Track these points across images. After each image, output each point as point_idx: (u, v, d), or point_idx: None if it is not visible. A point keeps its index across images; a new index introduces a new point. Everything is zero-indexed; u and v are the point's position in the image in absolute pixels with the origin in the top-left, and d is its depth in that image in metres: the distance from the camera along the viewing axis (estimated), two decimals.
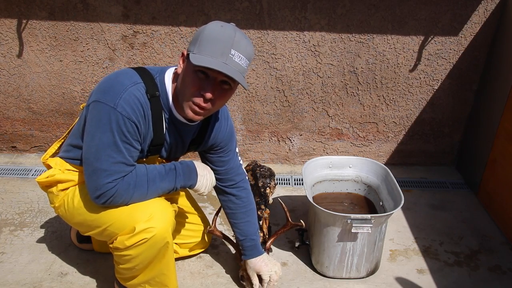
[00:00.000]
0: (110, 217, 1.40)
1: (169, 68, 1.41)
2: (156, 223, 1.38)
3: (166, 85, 1.38)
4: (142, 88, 1.32)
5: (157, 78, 1.37)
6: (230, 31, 1.25)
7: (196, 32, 1.29)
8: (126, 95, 1.28)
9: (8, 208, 2.21)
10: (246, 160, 2.70)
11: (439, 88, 2.44)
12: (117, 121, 1.27)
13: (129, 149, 1.32)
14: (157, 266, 1.48)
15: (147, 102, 1.33)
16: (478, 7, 2.21)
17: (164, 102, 1.39)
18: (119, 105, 1.26)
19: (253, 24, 2.28)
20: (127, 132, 1.29)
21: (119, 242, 1.40)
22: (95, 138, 1.30)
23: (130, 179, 1.36)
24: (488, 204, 2.28)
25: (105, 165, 1.31)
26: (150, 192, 1.42)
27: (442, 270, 1.88)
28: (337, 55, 2.36)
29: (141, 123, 1.32)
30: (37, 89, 2.52)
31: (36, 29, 2.34)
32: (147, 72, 1.36)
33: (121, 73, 1.34)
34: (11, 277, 1.77)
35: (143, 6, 2.25)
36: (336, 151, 2.67)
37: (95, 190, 1.33)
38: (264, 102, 2.51)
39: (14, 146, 2.73)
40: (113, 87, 1.29)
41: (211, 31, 1.25)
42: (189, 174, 1.50)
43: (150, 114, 1.35)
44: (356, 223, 1.61)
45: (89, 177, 1.34)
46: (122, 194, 1.36)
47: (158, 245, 1.42)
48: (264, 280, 1.66)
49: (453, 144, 2.64)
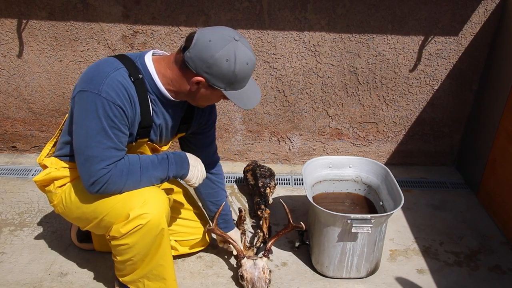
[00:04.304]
0: (105, 206, 1.42)
1: (146, 53, 1.43)
2: (150, 209, 1.41)
3: (148, 67, 1.40)
4: (124, 73, 1.34)
5: (138, 61, 1.40)
6: (253, 62, 1.37)
7: (221, 68, 1.32)
8: (109, 81, 1.30)
9: (8, 208, 2.21)
10: (246, 160, 2.70)
11: (439, 88, 2.44)
12: (103, 107, 1.29)
13: (117, 134, 1.34)
14: (154, 257, 1.50)
15: (132, 85, 1.35)
16: (478, 7, 2.21)
17: (150, 84, 1.40)
18: (103, 91, 1.29)
19: (253, 24, 2.28)
20: (114, 117, 1.31)
21: (114, 231, 1.42)
22: (83, 127, 1.32)
23: (123, 166, 1.39)
24: (488, 204, 2.28)
25: (96, 151, 1.33)
26: (144, 179, 1.44)
27: (442, 270, 1.88)
28: (337, 55, 2.36)
29: (127, 106, 1.34)
30: (37, 89, 2.52)
31: (36, 29, 2.34)
32: (127, 58, 1.39)
33: (102, 61, 1.37)
34: (11, 277, 1.77)
35: (143, 6, 2.25)
36: (336, 151, 2.68)
37: (89, 178, 1.35)
38: (264, 102, 2.51)
39: (14, 146, 2.73)
40: (95, 75, 1.32)
41: (241, 71, 1.34)
42: (181, 164, 1.53)
43: (136, 96, 1.37)
44: (356, 223, 1.61)
45: (82, 165, 1.36)
46: (116, 181, 1.38)
47: (154, 232, 1.44)
48: (237, 247, 1.79)
49: (453, 144, 2.64)
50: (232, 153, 2.69)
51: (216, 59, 1.29)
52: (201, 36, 1.31)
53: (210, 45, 1.29)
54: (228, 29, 1.35)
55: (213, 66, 1.31)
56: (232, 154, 2.69)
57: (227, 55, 1.29)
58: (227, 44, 1.30)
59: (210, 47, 1.29)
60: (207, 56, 1.29)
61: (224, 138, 2.63)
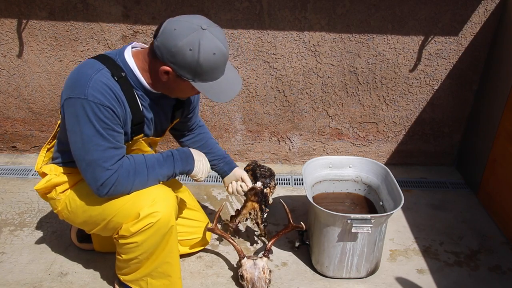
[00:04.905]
0: (114, 207, 1.42)
1: (126, 48, 1.42)
2: (160, 207, 1.41)
3: (129, 64, 1.39)
4: (107, 73, 1.34)
5: (118, 59, 1.39)
6: (222, 52, 1.33)
7: (185, 58, 1.29)
8: (93, 83, 1.30)
9: (8, 208, 2.21)
10: (246, 160, 2.70)
11: (439, 88, 2.44)
12: (92, 110, 1.29)
13: (112, 134, 1.34)
14: (160, 255, 1.51)
15: (116, 84, 1.35)
16: (478, 7, 2.21)
17: (133, 80, 1.40)
18: (89, 94, 1.29)
19: (253, 24, 2.28)
20: (106, 118, 1.31)
21: (124, 230, 1.42)
22: (77, 133, 1.32)
23: (129, 167, 1.39)
24: (488, 204, 2.28)
25: (95, 155, 1.33)
26: (151, 178, 1.45)
27: (442, 270, 1.88)
28: (337, 55, 2.36)
29: (116, 106, 1.34)
30: (37, 89, 2.52)
31: (36, 29, 2.34)
32: (107, 57, 1.39)
33: (83, 65, 1.37)
34: (11, 277, 1.77)
35: (143, 6, 2.25)
36: (336, 151, 2.68)
37: (96, 182, 1.35)
38: (264, 102, 2.51)
39: (14, 146, 2.73)
40: (78, 80, 1.32)
41: (206, 61, 1.30)
42: (186, 160, 1.54)
43: (122, 95, 1.36)
44: (356, 223, 1.61)
45: (85, 171, 1.36)
46: (123, 182, 1.38)
47: (163, 230, 1.44)
48: (247, 181, 1.85)
49: (453, 144, 2.64)
50: (232, 153, 2.69)
51: (179, 48, 1.27)
52: (168, 25, 1.29)
53: (175, 34, 1.27)
54: (199, 18, 1.32)
55: (177, 55, 1.28)
56: (232, 154, 2.69)
57: (191, 44, 1.27)
58: (192, 33, 1.27)
59: (175, 35, 1.27)
60: (171, 45, 1.28)
61: (224, 138, 2.64)
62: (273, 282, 1.79)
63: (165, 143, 2.66)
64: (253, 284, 1.66)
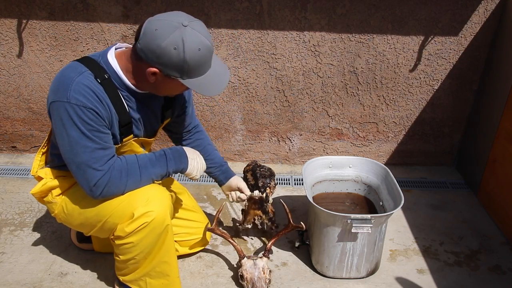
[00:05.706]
0: (108, 208, 1.43)
1: (109, 50, 1.42)
2: (154, 206, 1.41)
3: (112, 65, 1.39)
4: (89, 75, 1.33)
5: (101, 61, 1.39)
6: (207, 47, 1.31)
7: (171, 58, 1.28)
8: (74, 86, 1.29)
9: (8, 208, 2.21)
10: (246, 160, 2.70)
11: (439, 88, 2.44)
12: (76, 113, 1.29)
13: (98, 135, 1.34)
14: (158, 255, 1.50)
15: (99, 86, 1.34)
16: (478, 7, 2.21)
17: (117, 82, 1.40)
18: (71, 97, 1.28)
19: (253, 24, 2.28)
20: (90, 120, 1.31)
21: (119, 230, 1.42)
22: (64, 137, 1.32)
23: (121, 167, 1.39)
24: (488, 204, 2.28)
25: (84, 157, 1.33)
26: (144, 178, 1.44)
27: (442, 270, 1.88)
28: (337, 55, 2.36)
29: (99, 108, 1.33)
30: (37, 89, 2.52)
31: (36, 29, 2.34)
32: (90, 59, 1.38)
33: (66, 68, 1.36)
34: (11, 277, 1.77)
35: (143, 6, 2.25)
36: (336, 151, 2.68)
37: (88, 183, 1.35)
38: (264, 102, 2.51)
39: (14, 146, 2.73)
40: (61, 83, 1.32)
41: (193, 58, 1.29)
42: (179, 158, 1.53)
43: (106, 97, 1.36)
44: (356, 223, 1.61)
45: (76, 173, 1.36)
46: (116, 182, 1.38)
47: (159, 229, 1.44)
48: (245, 191, 1.85)
49: (453, 144, 2.64)
50: (232, 153, 2.69)
51: (163, 48, 1.26)
52: (148, 25, 1.28)
53: (156, 34, 1.26)
54: (178, 14, 1.30)
55: (162, 56, 1.27)
56: (232, 154, 2.69)
57: (175, 43, 1.25)
58: (173, 31, 1.25)
59: (157, 36, 1.26)
60: (155, 46, 1.26)
61: (224, 138, 2.64)
62: (273, 282, 1.79)
63: (164, 144, 2.66)
64: (253, 284, 1.66)
